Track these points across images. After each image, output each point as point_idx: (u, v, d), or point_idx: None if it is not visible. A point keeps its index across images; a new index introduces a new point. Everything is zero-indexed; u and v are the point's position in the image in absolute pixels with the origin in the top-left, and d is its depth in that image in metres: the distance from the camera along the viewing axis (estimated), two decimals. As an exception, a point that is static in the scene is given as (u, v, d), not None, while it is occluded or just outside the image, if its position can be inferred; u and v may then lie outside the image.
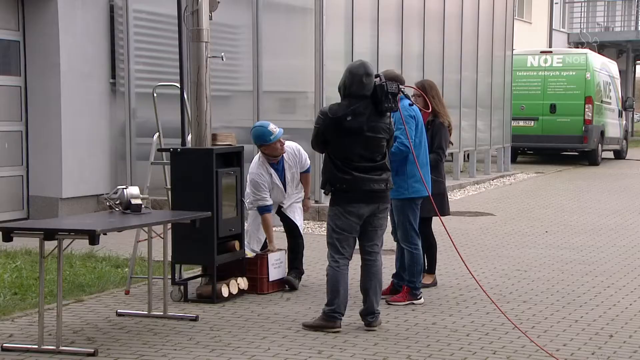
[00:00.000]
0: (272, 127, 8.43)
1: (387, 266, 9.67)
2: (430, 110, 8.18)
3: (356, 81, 6.92)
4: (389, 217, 7.33)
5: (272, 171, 8.54)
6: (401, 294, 8.03)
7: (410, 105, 7.77)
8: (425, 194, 7.95)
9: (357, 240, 7.14)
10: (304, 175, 8.76)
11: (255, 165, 8.55)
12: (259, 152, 8.60)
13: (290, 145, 8.66)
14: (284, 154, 8.57)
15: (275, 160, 8.55)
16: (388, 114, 7.06)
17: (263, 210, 8.47)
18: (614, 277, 9.33)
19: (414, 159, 7.68)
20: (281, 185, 8.57)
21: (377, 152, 6.99)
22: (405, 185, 7.83)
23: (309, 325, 7.01)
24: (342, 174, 6.91)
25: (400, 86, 7.20)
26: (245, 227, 8.51)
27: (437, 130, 8.39)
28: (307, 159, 8.79)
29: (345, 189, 6.92)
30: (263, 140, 8.43)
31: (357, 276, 7.51)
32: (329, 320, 6.94)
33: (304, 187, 8.82)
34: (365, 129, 6.90)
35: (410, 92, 8.22)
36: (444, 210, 8.71)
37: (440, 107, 8.53)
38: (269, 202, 8.48)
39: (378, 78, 7.00)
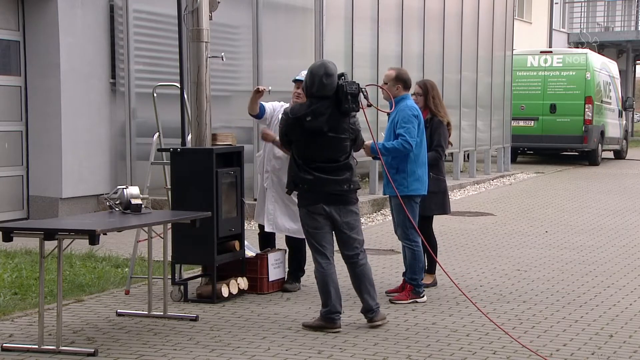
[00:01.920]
0: (304, 71, 8.31)
1: (387, 266, 9.69)
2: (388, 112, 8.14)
3: (317, 81, 6.91)
4: (357, 217, 7.23)
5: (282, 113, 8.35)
6: (404, 292, 8.05)
7: (369, 106, 7.67)
8: (423, 192, 7.99)
9: (337, 245, 7.14)
10: None
11: None
12: None
13: None
14: None
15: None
16: (352, 114, 7.02)
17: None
18: (614, 277, 9.33)
19: (382, 162, 7.72)
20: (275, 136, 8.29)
21: (339, 152, 6.98)
22: (405, 183, 7.85)
23: (308, 326, 7.02)
24: (304, 174, 6.93)
25: (361, 87, 7.13)
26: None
27: (435, 128, 8.41)
28: None
29: (306, 189, 6.95)
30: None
31: (347, 274, 7.50)
32: (328, 322, 6.96)
33: None
34: (325, 129, 6.89)
35: (412, 90, 8.25)
36: (445, 208, 8.73)
37: (440, 107, 8.55)
38: (262, 107, 8.36)
39: (342, 78, 6.96)
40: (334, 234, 7.11)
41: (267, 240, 8.68)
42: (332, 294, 6.96)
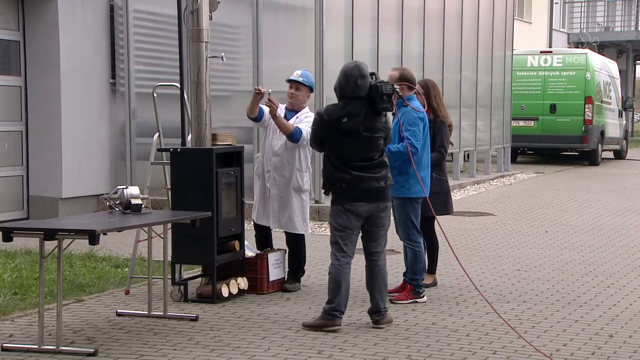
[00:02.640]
0: (298, 71, 8.42)
1: (388, 266, 9.67)
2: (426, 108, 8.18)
3: (351, 83, 6.97)
4: (391, 215, 7.35)
5: (282, 114, 8.32)
6: (404, 292, 8.05)
7: (405, 106, 7.77)
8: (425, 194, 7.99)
9: (361, 240, 7.18)
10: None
11: None
12: None
13: (312, 114, 8.49)
14: (302, 112, 8.39)
15: (289, 106, 8.43)
16: (383, 113, 7.11)
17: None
18: (614, 277, 9.33)
19: (412, 163, 7.71)
20: (274, 134, 8.36)
21: (374, 151, 7.05)
22: (407, 185, 7.86)
23: (309, 325, 7.02)
24: (342, 173, 6.97)
25: (395, 86, 7.20)
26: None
27: (439, 128, 8.40)
28: (307, 127, 8.18)
29: (345, 188, 6.98)
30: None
31: (358, 276, 7.52)
32: (329, 319, 6.97)
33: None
34: (361, 130, 6.96)
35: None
36: (447, 209, 8.72)
37: (442, 107, 8.54)
38: (261, 110, 8.33)
39: (373, 77, 7.04)
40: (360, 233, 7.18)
41: (264, 240, 8.69)
42: (341, 292, 7.00)
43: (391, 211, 7.37)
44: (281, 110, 8.38)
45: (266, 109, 8.36)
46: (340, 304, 6.99)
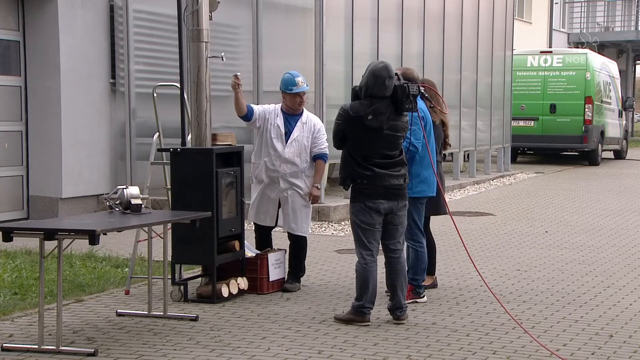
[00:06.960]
0: (300, 79, 8.47)
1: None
2: (447, 111, 8.32)
3: (379, 83, 7.11)
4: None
5: (282, 118, 8.45)
6: (405, 292, 8.04)
7: (431, 107, 7.91)
8: (430, 194, 8.01)
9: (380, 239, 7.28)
10: (318, 162, 8.54)
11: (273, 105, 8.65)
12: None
13: (314, 117, 8.66)
14: (303, 116, 8.50)
15: (291, 112, 8.50)
16: (405, 113, 7.27)
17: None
18: (614, 277, 9.33)
19: (433, 166, 7.78)
20: (281, 142, 8.40)
21: (395, 149, 7.21)
22: (409, 185, 7.83)
23: (339, 319, 7.19)
24: (363, 169, 7.11)
25: (421, 88, 7.32)
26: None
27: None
28: (325, 141, 8.53)
29: (365, 185, 7.11)
30: (285, 86, 8.47)
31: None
32: (358, 315, 7.14)
33: (314, 175, 8.54)
34: (385, 128, 7.10)
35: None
36: (439, 209, 8.67)
37: (436, 107, 8.53)
38: (251, 108, 8.45)
39: (397, 77, 7.18)
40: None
41: (264, 240, 8.68)
42: (369, 290, 7.16)
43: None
44: (275, 113, 8.47)
45: (255, 108, 8.48)
46: (369, 301, 7.15)
